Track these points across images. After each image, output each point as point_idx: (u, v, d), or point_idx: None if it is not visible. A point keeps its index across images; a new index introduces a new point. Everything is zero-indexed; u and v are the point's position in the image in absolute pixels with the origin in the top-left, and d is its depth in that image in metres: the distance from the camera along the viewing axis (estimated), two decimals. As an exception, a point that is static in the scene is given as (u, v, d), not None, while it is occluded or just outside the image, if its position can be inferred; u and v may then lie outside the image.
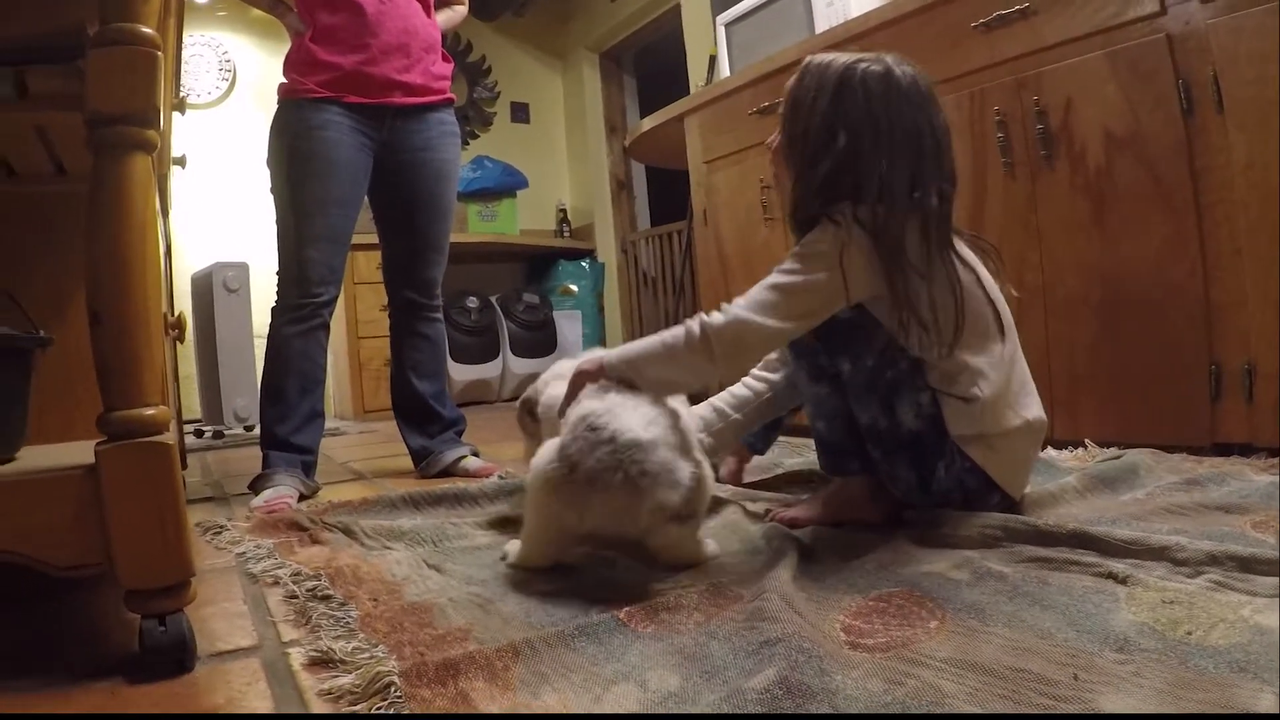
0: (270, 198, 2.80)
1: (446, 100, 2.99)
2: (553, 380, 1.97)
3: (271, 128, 2.81)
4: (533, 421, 2.01)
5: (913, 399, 1.64)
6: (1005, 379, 1.66)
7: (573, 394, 1.64)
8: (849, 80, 1.66)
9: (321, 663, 1.23)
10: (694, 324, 1.59)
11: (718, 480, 2.18)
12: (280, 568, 1.73)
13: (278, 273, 2.76)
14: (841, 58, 1.71)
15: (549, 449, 1.53)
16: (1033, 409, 1.71)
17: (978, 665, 1.03)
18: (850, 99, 1.65)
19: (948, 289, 1.62)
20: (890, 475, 1.71)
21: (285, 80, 2.79)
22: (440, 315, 3.08)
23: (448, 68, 3.02)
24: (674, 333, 1.61)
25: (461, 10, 3.19)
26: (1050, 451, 2.30)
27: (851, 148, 1.63)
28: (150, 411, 1.22)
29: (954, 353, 1.61)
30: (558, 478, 1.47)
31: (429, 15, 2.96)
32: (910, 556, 1.47)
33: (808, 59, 1.75)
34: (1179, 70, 2.13)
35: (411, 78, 2.84)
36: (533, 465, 1.55)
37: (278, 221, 2.78)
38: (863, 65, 1.67)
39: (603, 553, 1.68)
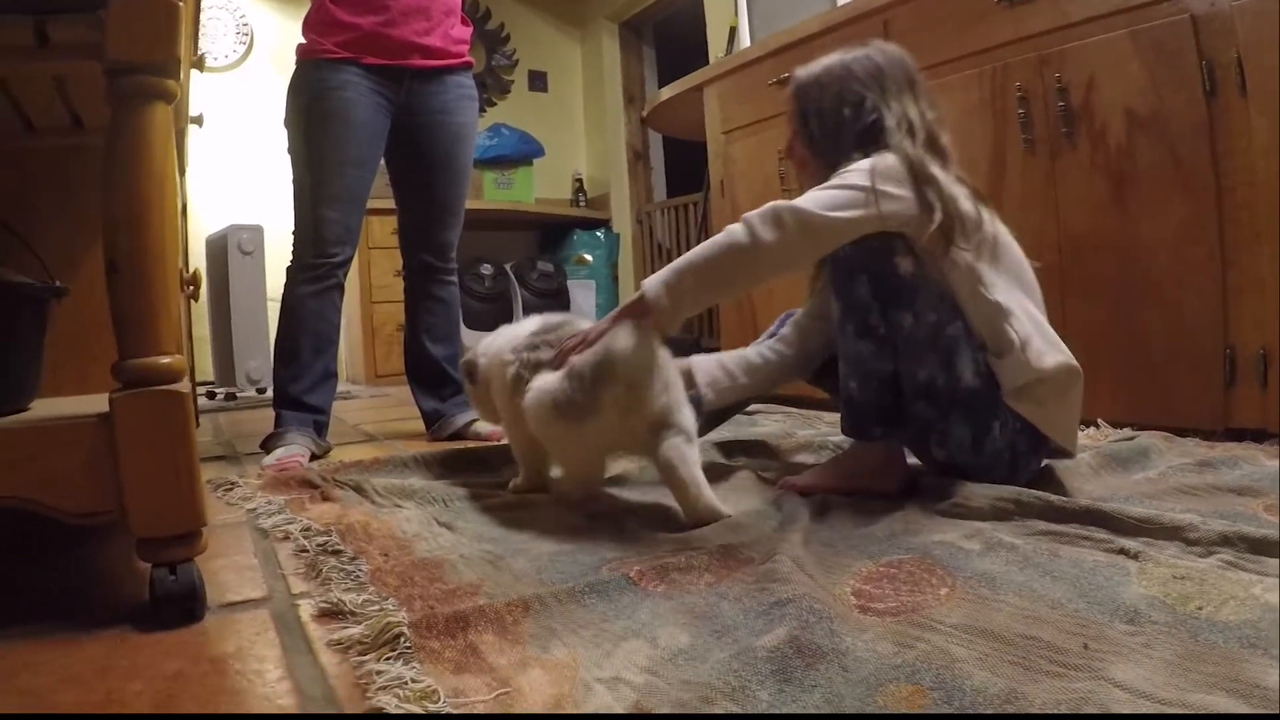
0: (287, 159, 2.80)
1: (465, 64, 2.98)
2: (494, 343, 2.11)
3: (289, 88, 2.81)
4: (471, 383, 2.17)
5: (971, 355, 1.67)
6: (1035, 326, 1.69)
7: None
8: (840, 64, 1.85)
9: (332, 614, 1.24)
10: (731, 226, 1.65)
11: None
12: (291, 523, 1.74)
13: (293, 232, 2.77)
14: (824, 59, 1.89)
15: (550, 381, 1.68)
16: (1069, 355, 1.73)
17: (988, 631, 1.03)
18: (844, 75, 1.83)
19: (955, 185, 1.74)
20: (942, 433, 1.72)
21: (304, 40, 2.78)
22: (455, 279, 3.08)
23: (467, 31, 3.01)
24: (711, 241, 1.67)
25: None
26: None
27: (856, 110, 1.80)
28: (165, 360, 1.22)
29: (982, 254, 1.71)
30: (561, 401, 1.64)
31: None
32: (921, 526, 1.47)
33: (797, 72, 1.92)
34: (1202, 51, 2.11)
35: (431, 40, 2.83)
36: (532, 401, 1.69)
37: (294, 181, 2.78)
38: (848, 54, 1.87)
39: (615, 513, 1.70)
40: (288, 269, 2.76)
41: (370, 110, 2.76)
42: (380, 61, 2.74)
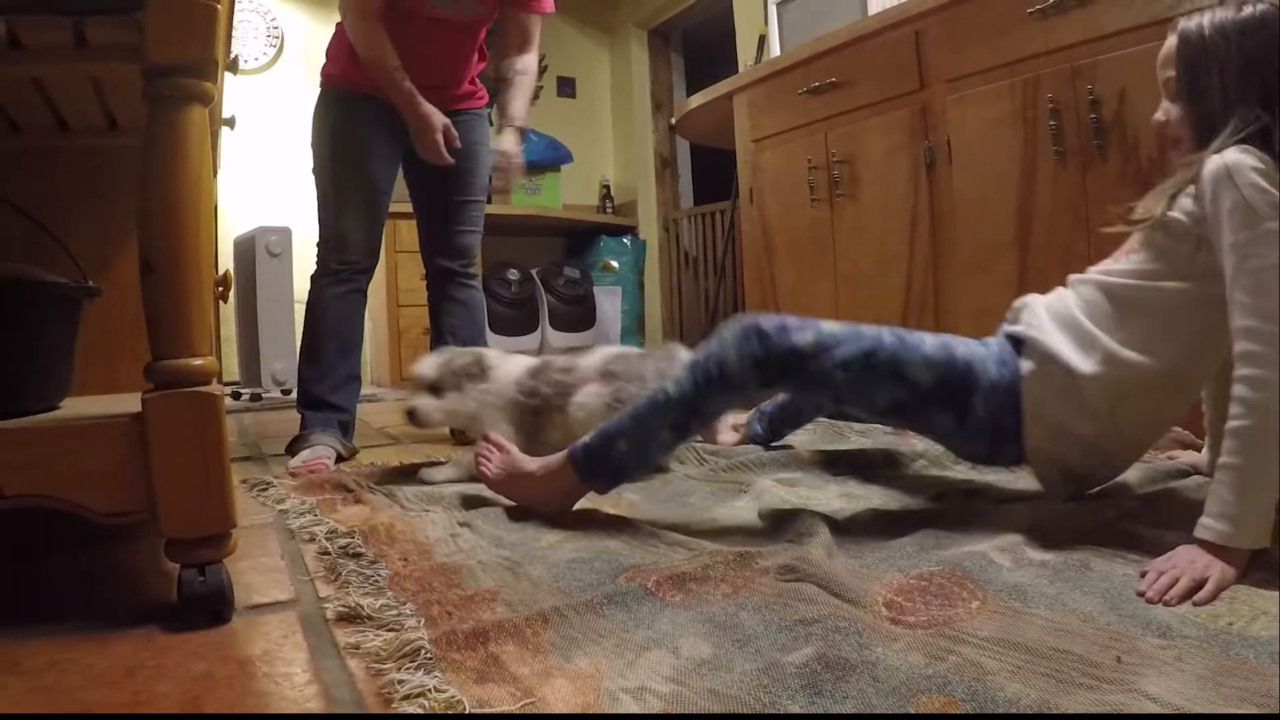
0: (311, 171, 2.88)
1: (476, 107, 3.11)
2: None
3: (314, 112, 2.89)
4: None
5: (919, 356, 1.61)
6: None
7: None
8: (1252, 21, 1.49)
9: (348, 618, 1.24)
10: (1244, 390, 1.29)
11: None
12: (317, 524, 1.75)
13: (318, 242, 2.84)
14: (1218, 10, 1.53)
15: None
16: None
17: (1020, 645, 1.03)
18: (1259, 36, 1.48)
19: None
20: (927, 428, 1.70)
21: (327, 68, 2.87)
22: (476, 282, 3.10)
23: (480, 67, 3.14)
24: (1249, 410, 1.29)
25: (529, 71, 3.15)
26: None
27: (1271, 83, 1.47)
28: (198, 362, 1.23)
29: None
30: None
31: (476, 55, 3.06)
32: (952, 539, 1.46)
33: (1181, 24, 1.57)
34: (1238, 64, 2.09)
35: (446, 90, 2.94)
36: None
37: (319, 196, 2.85)
38: (1248, 9, 1.50)
39: (630, 521, 1.69)
40: (312, 275, 2.81)
41: (388, 138, 2.83)
42: None
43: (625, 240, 6.75)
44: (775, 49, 3.99)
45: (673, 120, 4.54)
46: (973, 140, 2.72)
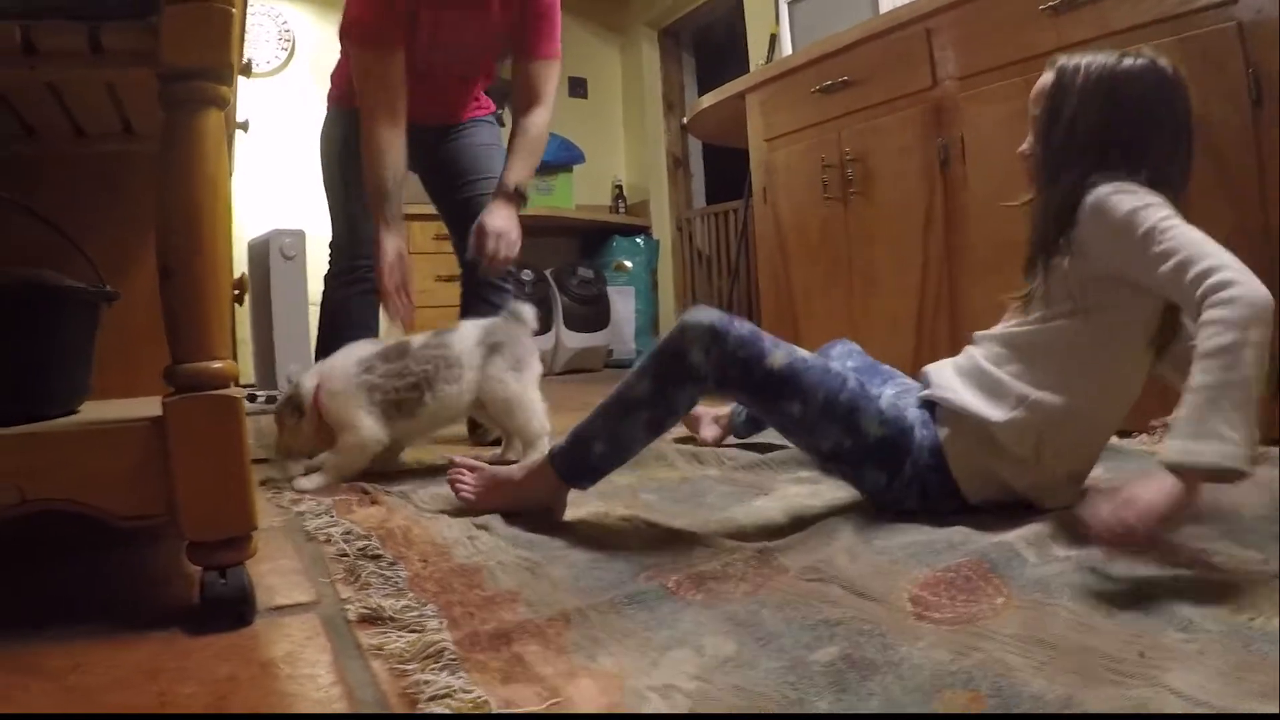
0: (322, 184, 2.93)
1: (483, 115, 3.12)
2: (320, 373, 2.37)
3: (323, 129, 2.95)
4: (295, 417, 2.32)
5: (874, 409, 1.62)
6: None
7: None
8: (1121, 73, 1.54)
9: (370, 619, 1.24)
10: (1220, 311, 1.26)
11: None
12: (333, 526, 1.75)
13: (330, 244, 2.89)
14: (1099, 56, 1.57)
15: None
16: None
17: (1044, 641, 1.03)
18: (1126, 90, 1.53)
19: None
20: (857, 479, 1.69)
21: (333, 91, 2.93)
22: (511, 290, 3.06)
23: (488, 83, 3.12)
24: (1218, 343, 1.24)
25: (531, 132, 2.87)
26: (1114, 439, 2.26)
27: (1126, 137, 1.53)
28: (218, 365, 1.23)
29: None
30: None
31: (480, 85, 3.07)
32: (980, 536, 1.45)
33: (1060, 60, 1.61)
34: (1249, 59, 2.08)
35: (453, 112, 2.99)
36: None
37: (330, 206, 2.91)
38: (1128, 60, 1.55)
39: (646, 519, 1.70)
40: (325, 277, 2.85)
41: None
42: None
43: (638, 240, 6.75)
44: (787, 48, 3.99)
45: (685, 120, 4.54)
46: (986, 137, 2.71)
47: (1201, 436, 1.19)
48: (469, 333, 2.41)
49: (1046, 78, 1.62)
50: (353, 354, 2.37)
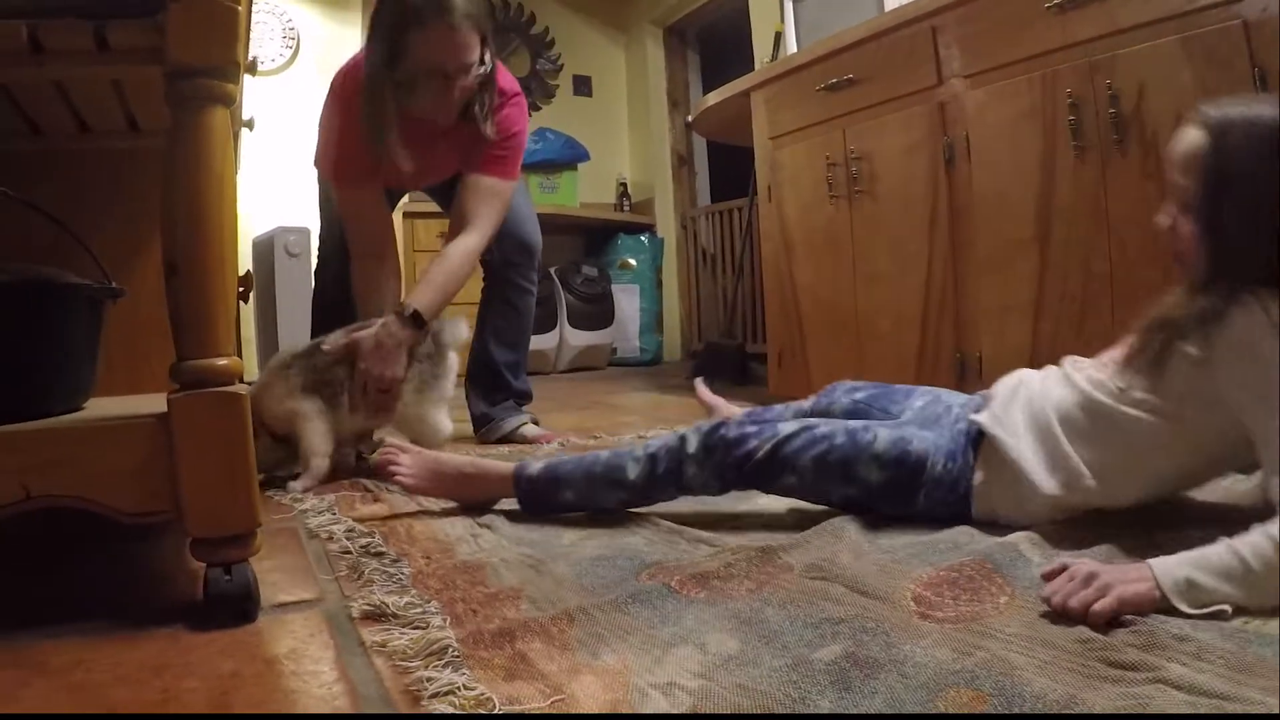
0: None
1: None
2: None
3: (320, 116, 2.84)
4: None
5: (868, 456, 1.61)
6: None
7: None
8: None
9: (374, 616, 1.25)
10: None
11: None
12: (336, 523, 1.76)
13: (320, 236, 2.90)
14: (1253, 107, 1.30)
15: None
16: None
17: (1047, 640, 1.03)
18: None
19: None
20: (875, 510, 1.65)
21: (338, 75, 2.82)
22: (533, 290, 3.06)
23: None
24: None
25: (451, 260, 2.58)
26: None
27: None
28: (223, 362, 1.23)
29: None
30: None
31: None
32: (984, 536, 1.45)
33: (1207, 113, 1.33)
34: (1254, 58, 2.07)
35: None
36: None
37: (320, 207, 2.89)
38: None
39: (650, 516, 1.72)
40: (315, 271, 2.88)
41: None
42: None
43: (643, 238, 6.75)
44: (791, 46, 3.98)
45: (689, 118, 4.54)
46: (991, 136, 2.71)
47: (1209, 583, 1.11)
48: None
49: (1193, 139, 1.33)
50: (274, 359, 2.40)
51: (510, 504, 1.84)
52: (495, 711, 0.93)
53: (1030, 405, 1.55)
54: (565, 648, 1.09)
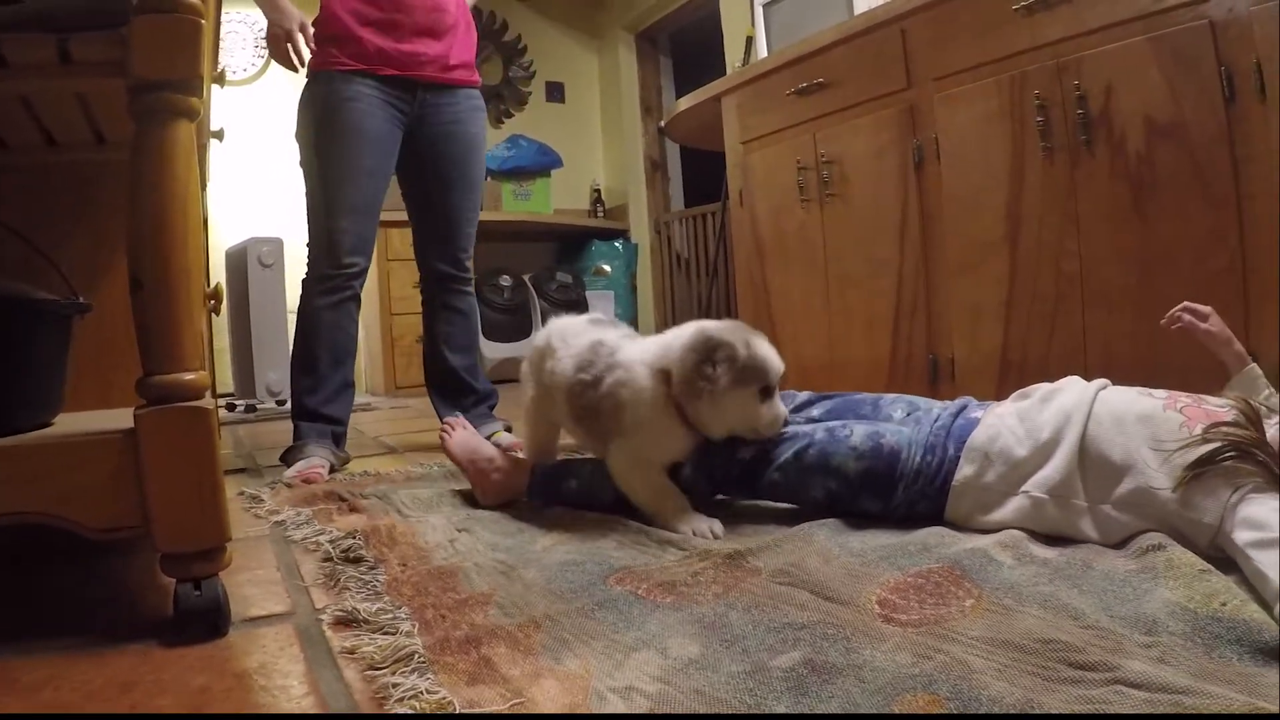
0: (300, 171, 2.83)
1: (473, 82, 3.02)
2: None
3: (301, 101, 2.84)
4: None
5: (846, 448, 1.66)
6: None
7: None
8: None
9: (346, 622, 1.26)
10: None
11: None
12: (320, 534, 1.76)
13: (308, 244, 2.80)
14: None
15: None
16: None
17: (1009, 643, 1.03)
18: None
19: None
20: (857, 509, 1.67)
21: (315, 52, 2.80)
22: (472, 289, 3.10)
23: (473, 40, 3.04)
24: None
25: None
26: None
27: None
28: (189, 376, 1.23)
29: None
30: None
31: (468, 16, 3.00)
32: (957, 538, 1.46)
33: None
34: (1221, 57, 2.09)
35: (440, 54, 2.87)
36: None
37: (308, 194, 2.81)
38: None
39: (622, 519, 1.73)
40: (303, 281, 2.79)
41: (383, 121, 2.79)
42: (393, 73, 2.76)
43: (617, 244, 6.76)
44: (763, 50, 3.99)
45: (662, 123, 4.55)
46: (961, 138, 2.72)
47: None
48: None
49: None
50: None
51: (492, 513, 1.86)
52: (455, 713, 0.94)
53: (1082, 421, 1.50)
54: (529, 652, 1.11)
